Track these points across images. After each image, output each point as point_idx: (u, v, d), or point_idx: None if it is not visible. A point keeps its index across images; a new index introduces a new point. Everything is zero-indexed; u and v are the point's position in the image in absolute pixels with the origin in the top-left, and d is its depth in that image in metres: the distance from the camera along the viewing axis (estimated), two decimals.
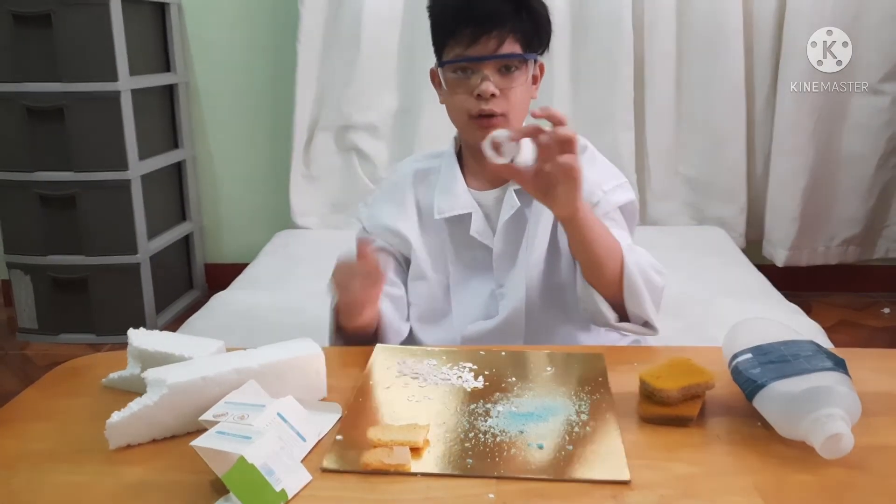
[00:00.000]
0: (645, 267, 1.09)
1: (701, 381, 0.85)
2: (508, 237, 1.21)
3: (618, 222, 1.19)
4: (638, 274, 1.07)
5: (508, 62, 1.14)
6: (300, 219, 2.79)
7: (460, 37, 1.13)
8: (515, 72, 1.15)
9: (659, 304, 1.11)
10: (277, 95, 2.82)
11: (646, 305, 1.08)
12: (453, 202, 1.23)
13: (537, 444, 0.79)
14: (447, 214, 1.23)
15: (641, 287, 1.07)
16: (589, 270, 1.09)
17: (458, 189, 1.23)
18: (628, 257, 1.07)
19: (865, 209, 2.73)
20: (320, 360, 0.91)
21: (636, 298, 1.08)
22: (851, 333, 2.53)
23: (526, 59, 1.16)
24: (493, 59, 1.13)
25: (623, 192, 1.21)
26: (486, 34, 1.12)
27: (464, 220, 1.23)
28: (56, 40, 2.36)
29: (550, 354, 1.02)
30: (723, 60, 2.60)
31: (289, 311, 1.86)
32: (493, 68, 1.13)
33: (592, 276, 1.09)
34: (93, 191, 2.46)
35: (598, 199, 1.17)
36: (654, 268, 1.11)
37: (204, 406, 0.81)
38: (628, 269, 1.07)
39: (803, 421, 0.75)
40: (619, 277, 1.07)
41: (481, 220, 1.22)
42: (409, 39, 2.66)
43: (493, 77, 1.13)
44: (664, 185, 2.75)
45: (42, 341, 2.60)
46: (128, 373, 0.95)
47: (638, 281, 1.07)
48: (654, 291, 1.10)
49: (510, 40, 1.13)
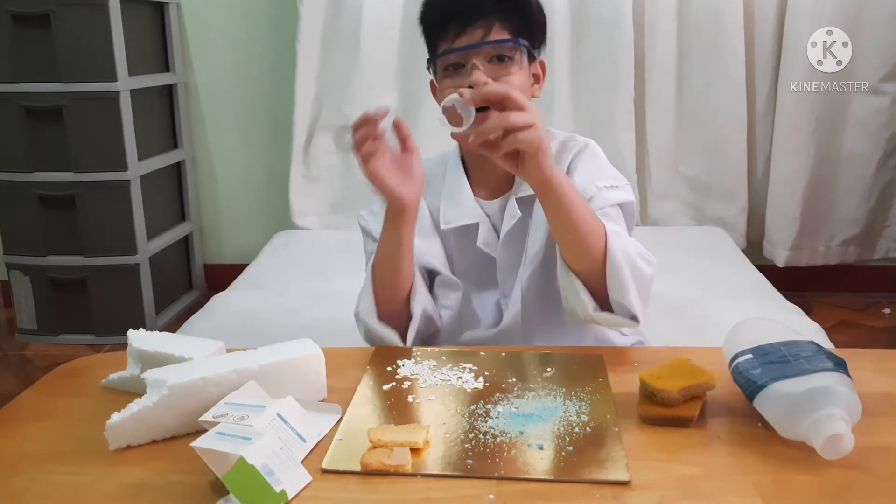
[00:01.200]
0: (631, 253, 1.02)
1: (701, 382, 0.85)
2: (510, 247, 1.19)
3: (613, 218, 1.13)
4: (622, 258, 1.01)
5: (500, 51, 1.10)
6: (300, 219, 2.79)
7: (447, 32, 1.10)
8: (509, 62, 1.10)
9: (647, 295, 1.04)
10: (277, 95, 2.82)
11: (630, 293, 1.01)
12: (460, 212, 1.20)
13: (537, 444, 0.78)
14: (454, 224, 1.20)
15: (626, 272, 1.01)
16: (568, 248, 1.03)
17: (464, 198, 1.20)
18: (613, 240, 1.01)
19: (866, 209, 2.73)
20: (320, 360, 0.91)
21: (619, 284, 1.01)
22: (852, 334, 2.53)
23: (517, 46, 1.11)
24: (479, 47, 1.09)
25: (621, 192, 1.16)
26: (472, 24, 1.09)
27: (469, 230, 1.20)
28: (55, 40, 2.36)
29: (550, 355, 1.02)
30: (723, 60, 2.60)
31: (288, 312, 1.86)
32: (483, 58, 1.09)
33: (572, 255, 1.03)
34: (92, 191, 2.46)
35: (591, 195, 1.13)
36: (642, 256, 1.05)
37: (204, 407, 0.81)
38: (612, 251, 1.00)
39: (804, 421, 0.75)
40: (601, 261, 1.01)
41: (488, 231, 1.20)
42: (409, 39, 2.66)
43: (484, 67, 1.08)
44: (664, 185, 2.75)
45: (41, 342, 2.60)
46: (127, 373, 0.95)
47: (622, 264, 1.00)
48: (641, 280, 1.03)
49: (497, 28, 1.09)
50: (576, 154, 1.20)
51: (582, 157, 1.19)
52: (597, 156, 1.21)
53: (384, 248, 1.11)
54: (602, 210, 1.12)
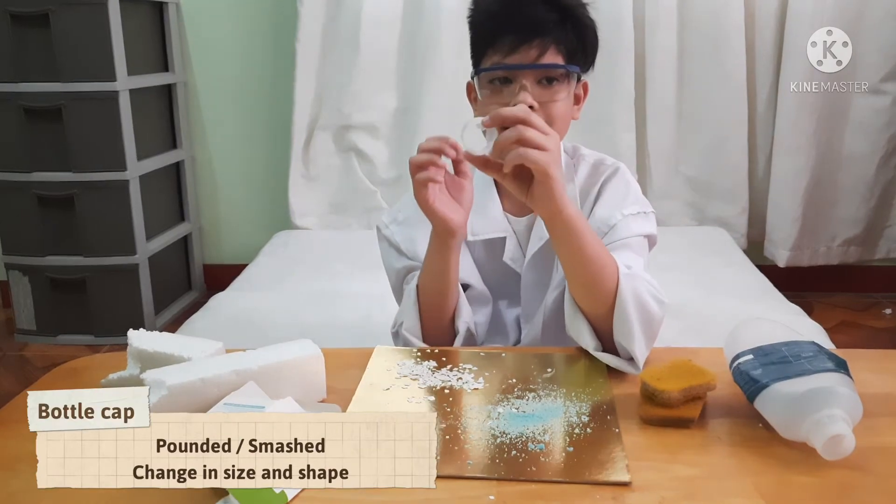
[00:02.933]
0: (642, 293, 0.98)
1: (702, 383, 0.85)
2: (536, 268, 1.17)
3: (635, 249, 1.10)
4: (632, 301, 0.97)
5: (549, 73, 1.07)
6: (299, 219, 2.78)
7: (500, 45, 1.07)
8: (557, 85, 1.08)
9: (653, 338, 1.00)
10: (276, 95, 2.82)
11: (634, 339, 0.96)
12: (488, 224, 1.18)
13: (538, 445, 0.78)
14: (481, 237, 1.18)
15: (633, 317, 0.96)
16: (576, 285, 1.00)
17: (494, 211, 1.18)
18: (624, 283, 0.97)
19: (867, 209, 2.73)
20: (319, 361, 0.91)
21: (626, 329, 0.96)
22: (853, 334, 2.53)
23: (568, 72, 1.09)
24: (531, 69, 1.06)
25: (646, 222, 1.14)
26: (527, 43, 1.05)
27: (496, 244, 1.18)
28: (54, 40, 2.36)
29: (551, 356, 1.02)
30: (724, 60, 2.60)
31: (288, 312, 1.86)
32: (532, 79, 1.06)
33: (580, 292, 1.00)
34: (91, 191, 2.46)
35: (615, 222, 1.11)
36: (654, 296, 1.00)
37: (203, 407, 0.81)
38: (622, 294, 0.96)
39: (805, 422, 0.75)
40: (610, 302, 0.97)
41: (515, 247, 1.18)
42: (409, 39, 2.66)
43: (531, 89, 1.06)
44: (665, 185, 2.74)
45: (40, 342, 2.59)
46: (127, 373, 0.95)
47: (630, 310, 0.96)
48: (649, 323, 0.98)
49: (552, 51, 1.07)
50: (605, 179, 1.18)
51: (611, 182, 1.18)
52: (627, 181, 1.19)
53: (431, 271, 1.09)
54: (625, 240, 1.11)
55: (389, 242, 1.21)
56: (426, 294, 1.11)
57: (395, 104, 2.73)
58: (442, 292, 1.09)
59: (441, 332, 1.11)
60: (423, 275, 1.11)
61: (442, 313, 1.11)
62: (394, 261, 1.20)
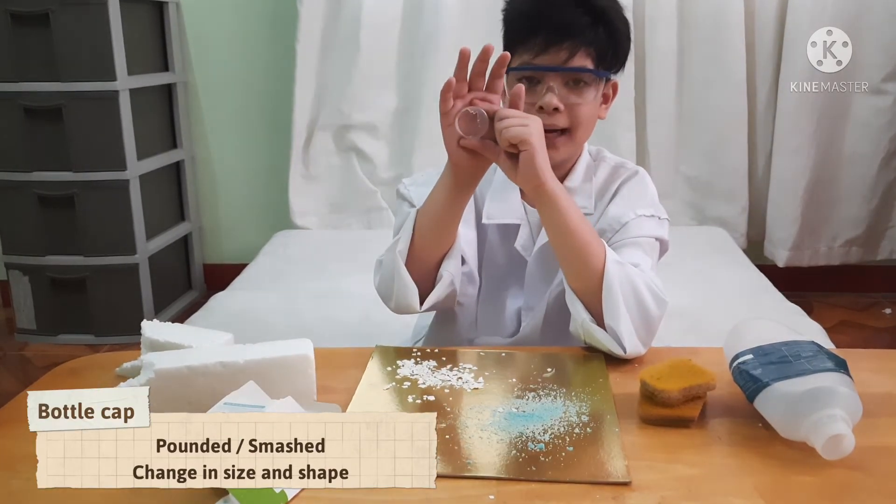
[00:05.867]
0: (637, 285, 1.01)
1: (702, 382, 0.85)
2: (544, 260, 1.17)
3: (644, 249, 1.10)
4: (619, 285, 0.99)
5: (578, 76, 1.08)
6: (299, 219, 2.78)
7: (531, 45, 1.08)
8: (584, 87, 1.09)
9: (649, 333, 1.01)
10: (276, 95, 2.81)
11: (622, 321, 0.98)
12: (505, 209, 1.18)
13: (538, 445, 0.78)
14: (496, 221, 1.18)
15: (620, 299, 0.98)
16: (563, 262, 1.03)
17: (512, 197, 1.18)
18: (611, 266, 1.00)
19: (868, 210, 2.72)
20: (309, 361, 0.89)
21: (613, 311, 0.98)
22: (853, 334, 2.53)
23: (597, 76, 1.10)
24: (560, 71, 1.07)
25: (659, 227, 1.14)
26: (558, 45, 1.07)
27: (509, 230, 1.18)
28: (54, 40, 2.36)
29: (551, 355, 1.02)
30: (724, 59, 2.60)
31: (288, 312, 1.86)
32: (560, 81, 1.08)
33: (567, 270, 1.03)
34: (91, 191, 2.46)
35: (628, 220, 1.12)
36: (654, 293, 1.02)
37: (192, 397, 0.81)
38: (608, 276, 0.99)
39: (804, 422, 0.75)
40: (597, 283, 1.00)
41: (527, 235, 1.18)
42: (409, 39, 2.66)
43: (559, 90, 1.08)
44: (665, 184, 2.74)
45: (41, 342, 2.59)
46: (140, 362, 0.96)
47: (616, 291, 0.99)
48: (644, 317, 1.00)
49: (582, 54, 1.08)
50: (623, 180, 1.19)
51: (628, 184, 1.18)
52: (645, 185, 1.20)
53: (435, 198, 1.08)
54: (636, 238, 1.11)
55: (404, 197, 1.21)
56: (425, 222, 1.09)
57: (395, 104, 2.73)
58: (441, 223, 1.08)
59: (426, 271, 1.10)
60: (426, 202, 1.09)
61: (432, 251, 1.10)
62: (404, 209, 1.20)
